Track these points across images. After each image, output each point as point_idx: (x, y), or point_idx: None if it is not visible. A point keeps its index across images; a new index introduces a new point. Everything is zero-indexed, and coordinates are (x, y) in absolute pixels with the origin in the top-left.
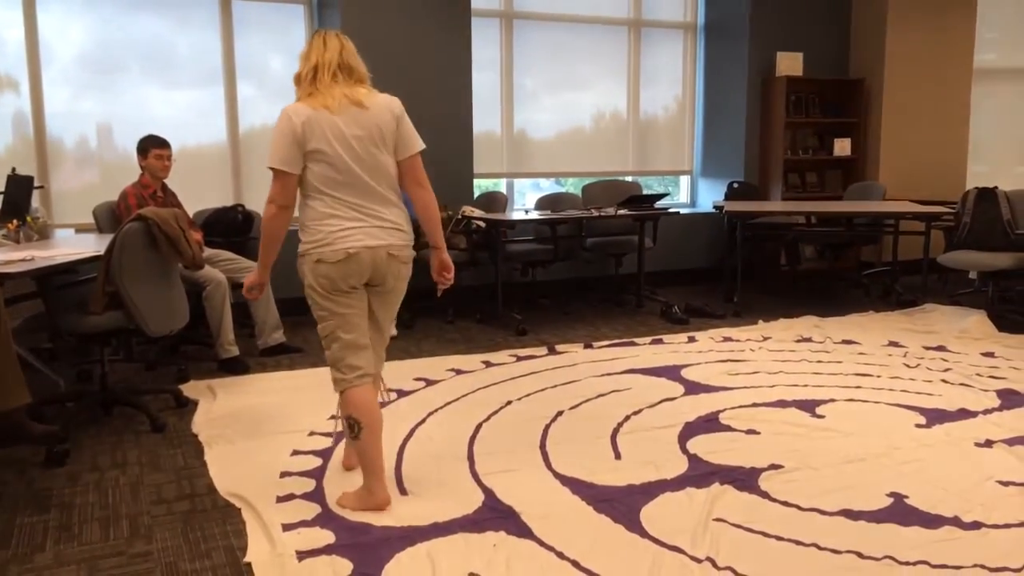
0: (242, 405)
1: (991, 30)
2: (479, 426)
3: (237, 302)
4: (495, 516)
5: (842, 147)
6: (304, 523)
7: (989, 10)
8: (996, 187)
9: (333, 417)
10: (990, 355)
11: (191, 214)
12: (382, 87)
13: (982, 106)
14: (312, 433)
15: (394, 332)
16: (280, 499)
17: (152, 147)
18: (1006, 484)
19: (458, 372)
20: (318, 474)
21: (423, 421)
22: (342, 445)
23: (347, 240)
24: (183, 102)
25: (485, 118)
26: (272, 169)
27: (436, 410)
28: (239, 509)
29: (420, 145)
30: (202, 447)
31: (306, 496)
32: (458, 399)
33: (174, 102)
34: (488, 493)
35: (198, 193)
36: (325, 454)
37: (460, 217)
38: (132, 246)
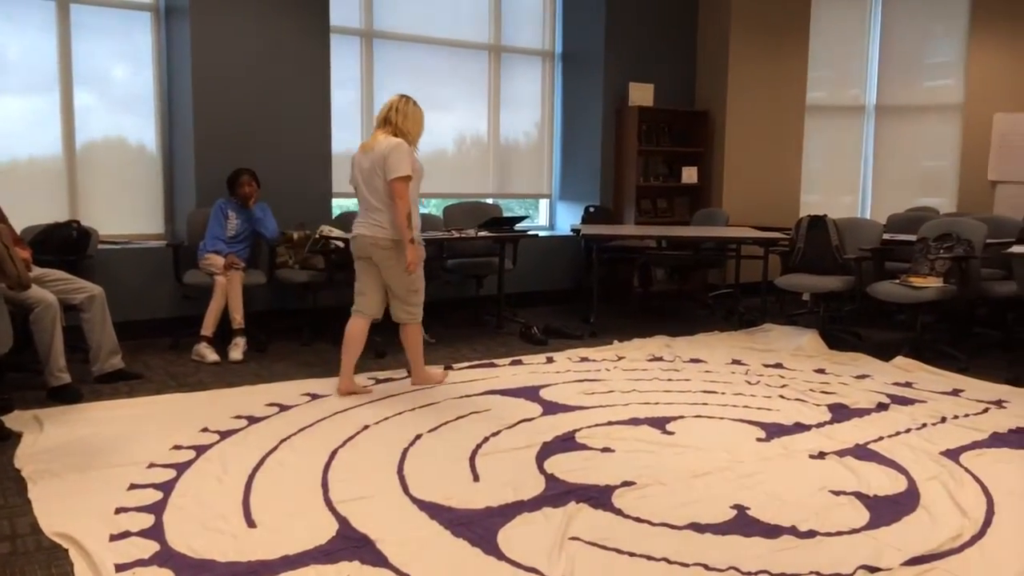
0: (73, 437)
1: (821, 70)
2: (334, 452)
3: (69, 325)
4: (349, 546)
5: (689, 175)
6: (140, 562)
7: (819, 51)
8: (826, 215)
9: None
10: (822, 371)
11: (19, 230)
12: (234, 102)
13: (813, 140)
14: (152, 465)
15: (411, 318)
16: (114, 537)
17: None
18: (837, 493)
19: (314, 396)
20: (157, 509)
21: (275, 449)
22: (191, 472)
23: (355, 229)
24: (13, 109)
25: (345, 137)
26: None
27: (289, 436)
28: (66, 550)
29: (397, 173)
30: (25, 483)
31: (143, 533)
32: (312, 424)
33: (2, 109)
34: (342, 522)
35: (29, 208)
36: (166, 487)
37: (317, 236)
38: None
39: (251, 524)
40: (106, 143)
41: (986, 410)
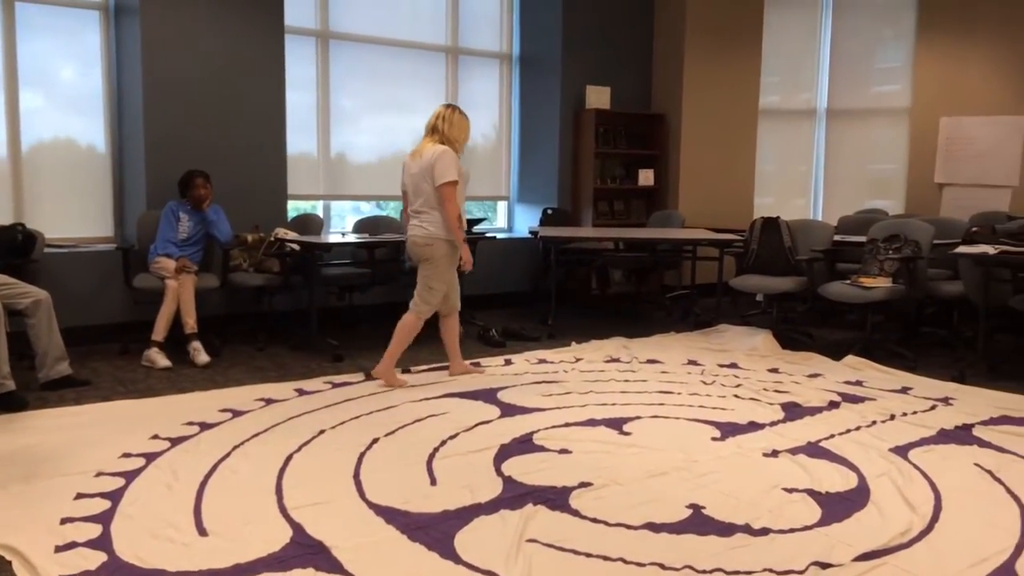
0: (17, 445)
1: (773, 74)
2: (289, 458)
3: (14, 331)
4: (304, 552)
5: (646, 177)
6: (87, 574)
7: (772, 56)
8: (779, 217)
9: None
10: (775, 371)
11: None
12: (185, 103)
13: (766, 143)
14: (100, 474)
15: (458, 304)
16: (59, 548)
17: None
18: (790, 491)
19: (268, 401)
20: (105, 518)
21: (228, 455)
22: (141, 480)
23: (408, 233)
24: None
25: (302, 138)
26: None
27: (242, 442)
28: (10, 562)
29: (445, 178)
30: None
31: (90, 544)
32: (267, 430)
33: None
34: (297, 528)
35: None
36: (115, 496)
37: (273, 239)
38: None
39: (202, 532)
40: (54, 144)
41: (934, 407)
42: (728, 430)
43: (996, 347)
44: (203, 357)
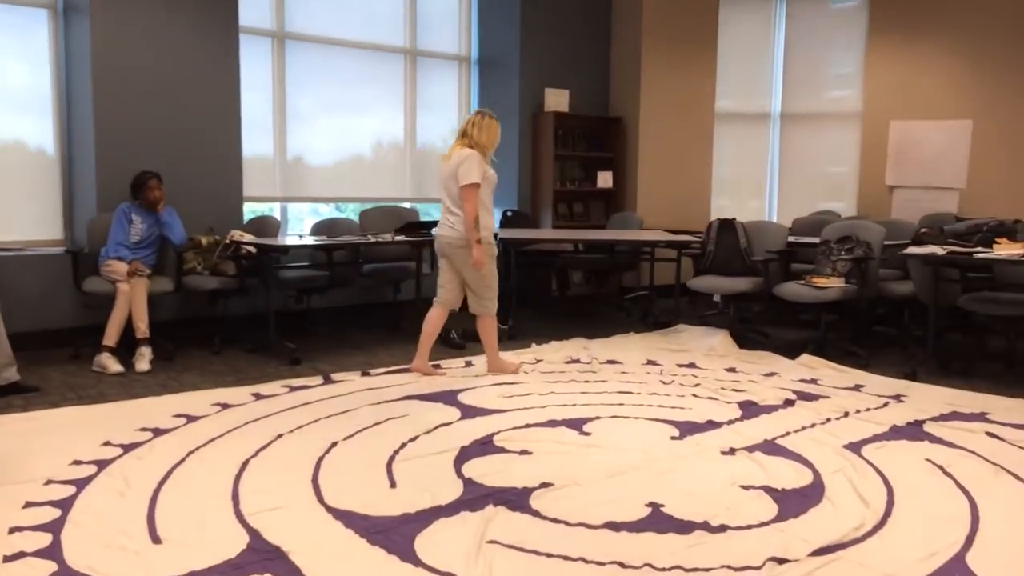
0: None
1: (729, 79)
2: (245, 463)
3: None
4: (260, 558)
5: (604, 179)
6: None
7: (727, 61)
8: (735, 219)
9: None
10: (732, 370)
11: None
12: (137, 103)
13: (723, 146)
14: (49, 482)
15: (485, 309)
16: (7, 559)
17: None
18: (747, 488)
19: (224, 406)
20: (55, 527)
21: (182, 461)
22: (92, 488)
23: (437, 230)
24: None
25: (258, 140)
26: None
27: (197, 448)
28: None
29: (467, 180)
30: None
31: (39, 553)
32: (223, 435)
33: None
34: (253, 534)
35: None
36: (65, 504)
37: (228, 242)
38: None
39: (156, 540)
40: (1, 146)
41: (886, 404)
42: (687, 429)
43: (946, 345)
44: (143, 364)
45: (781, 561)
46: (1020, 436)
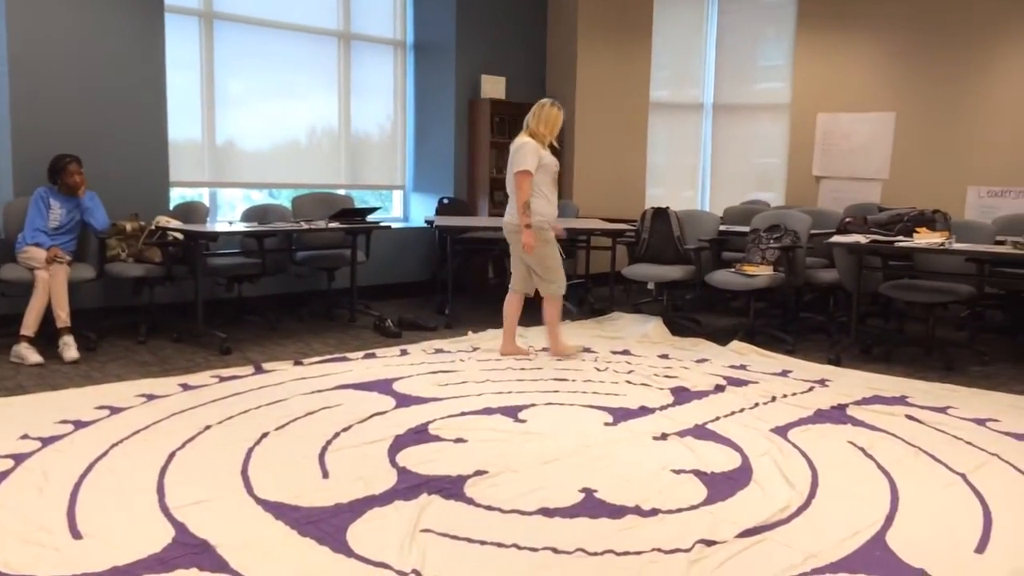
0: None
1: (663, 69)
2: (172, 455)
3: None
4: (187, 552)
5: None
6: None
7: (661, 51)
8: (668, 207)
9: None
10: (665, 357)
11: None
12: (55, 83)
13: (657, 136)
14: None
15: (549, 289)
16: None
17: None
18: (678, 472)
19: (150, 397)
20: None
21: (105, 454)
22: (8, 483)
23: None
24: None
25: (186, 123)
26: None
27: (121, 440)
28: None
29: (518, 167)
30: None
31: None
32: (148, 427)
33: None
34: (179, 527)
35: None
36: None
37: (153, 228)
38: None
39: (77, 535)
40: None
41: (811, 389)
42: (620, 415)
43: (868, 331)
44: (71, 353)
45: (710, 543)
46: (938, 419)
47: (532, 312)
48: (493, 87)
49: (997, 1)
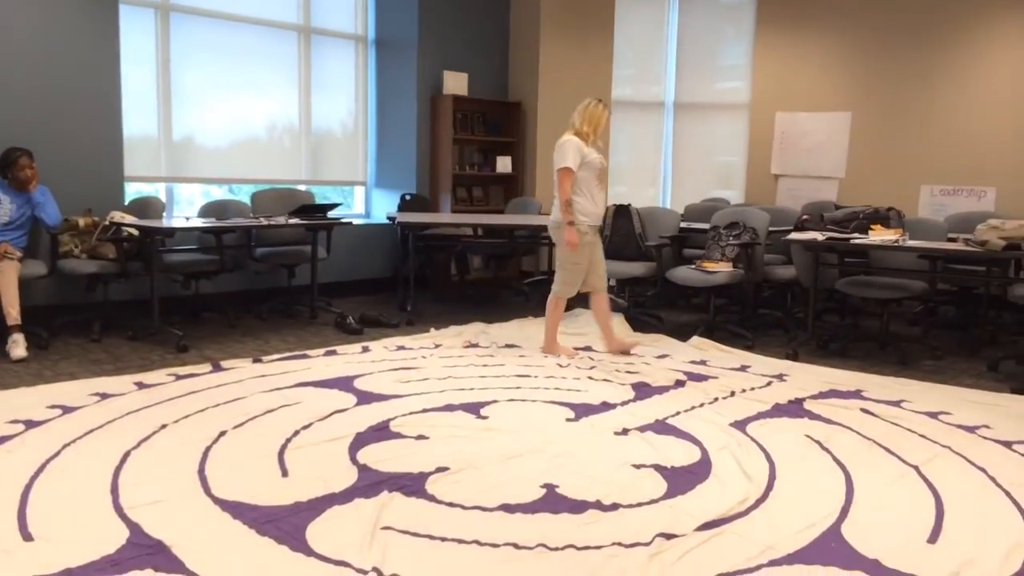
0: None
1: (625, 67)
2: (127, 454)
3: None
4: (141, 553)
5: (504, 164)
6: None
7: (623, 50)
8: (630, 205)
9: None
10: (626, 353)
11: None
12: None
13: (619, 133)
14: None
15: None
16: None
17: None
18: (639, 467)
19: (104, 396)
20: None
21: (57, 454)
22: None
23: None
24: None
25: (142, 117)
26: None
27: (74, 440)
28: None
29: (560, 164)
30: None
31: None
32: (102, 426)
33: None
34: (134, 528)
35: None
36: None
37: (107, 223)
38: None
39: (27, 537)
40: None
41: (769, 383)
42: (582, 411)
43: (824, 327)
44: (19, 351)
45: (669, 536)
46: (892, 412)
47: (537, 310)
48: (455, 83)
49: (950, 5)
